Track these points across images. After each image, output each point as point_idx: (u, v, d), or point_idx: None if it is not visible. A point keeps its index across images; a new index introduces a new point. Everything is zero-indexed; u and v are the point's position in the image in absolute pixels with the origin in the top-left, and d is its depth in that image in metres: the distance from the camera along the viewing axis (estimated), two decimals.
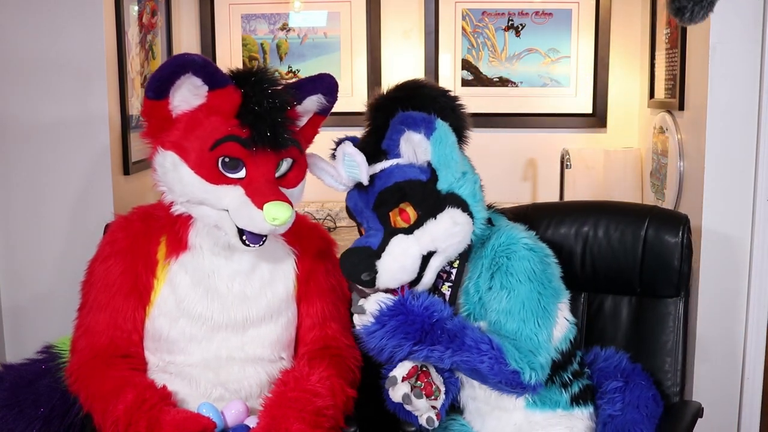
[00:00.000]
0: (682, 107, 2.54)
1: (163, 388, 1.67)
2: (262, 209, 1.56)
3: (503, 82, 3.20)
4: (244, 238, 1.62)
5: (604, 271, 1.98)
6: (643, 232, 1.95)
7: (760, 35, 2.26)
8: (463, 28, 3.18)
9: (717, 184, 2.32)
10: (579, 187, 3.06)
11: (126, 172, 2.57)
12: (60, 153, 2.45)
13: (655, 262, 1.93)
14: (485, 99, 3.20)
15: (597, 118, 3.19)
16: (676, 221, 1.95)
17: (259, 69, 1.64)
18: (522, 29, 3.16)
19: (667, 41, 2.74)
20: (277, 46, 3.25)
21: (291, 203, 1.60)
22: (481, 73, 3.21)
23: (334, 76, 1.78)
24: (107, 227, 1.88)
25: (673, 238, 1.92)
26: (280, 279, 1.77)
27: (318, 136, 1.82)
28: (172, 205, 1.68)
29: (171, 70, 1.56)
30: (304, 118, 1.77)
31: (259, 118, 1.58)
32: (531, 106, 3.20)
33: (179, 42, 3.17)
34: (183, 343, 1.71)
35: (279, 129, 1.59)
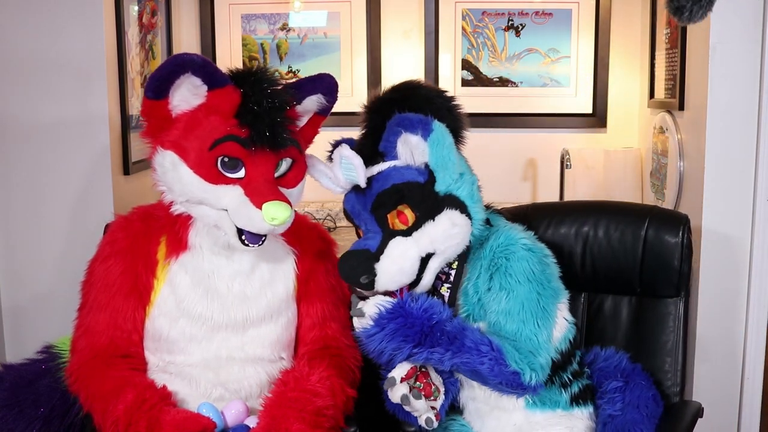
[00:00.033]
0: (682, 107, 2.54)
1: (163, 388, 1.67)
2: (260, 209, 1.56)
3: (503, 82, 3.20)
4: (243, 237, 1.62)
5: (604, 271, 1.98)
6: (643, 232, 1.94)
7: (760, 35, 2.26)
8: (463, 28, 3.18)
9: (717, 184, 2.32)
10: (579, 187, 3.06)
11: (126, 172, 2.56)
12: (60, 153, 2.45)
13: (655, 262, 1.93)
14: (485, 99, 3.20)
15: (597, 118, 3.18)
16: (677, 221, 1.95)
17: (258, 69, 1.64)
18: (522, 29, 3.16)
19: (667, 41, 2.73)
20: (277, 46, 3.25)
21: (290, 203, 1.60)
22: (481, 73, 3.21)
23: (334, 76, 1.78)
24: (107, 227, 1.87)
25: (673, 238, 1.92)
26: (280, 279, 1.77)
27: (318, 136, 1.82)
28: (172, 204, 1.67)
29: (170, 70, 1.56)
30: (304, 118, 1.77)
31: (258, 117, 1.58)
32: (531, 106, 3.20)
33: (179, 42, 3.17)
34: (183, 343, 1.71)
35: (278, 129, 1.59)
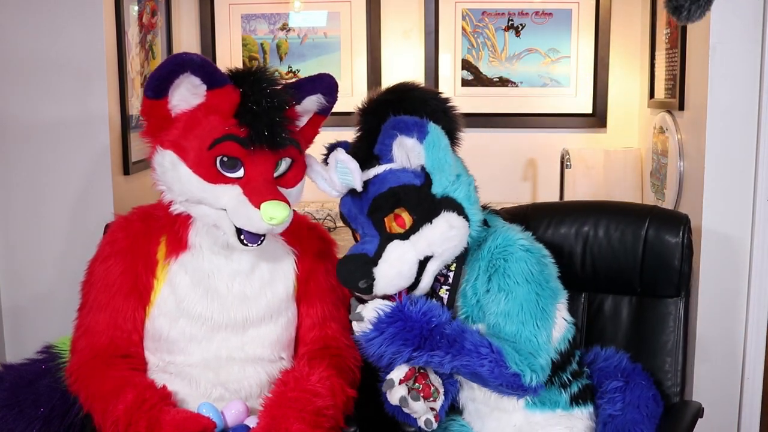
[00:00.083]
0: (682, 107, 2.54)
1: (163, 388, 1.67)
2: (259, 208, 1.56)
3: (503, 82, 3.20)
4: (242, 237, 1.62)
5: (605, 271, 1.98)
6: (643, 232, 1.94)
7: (760, 35, 2.26)
8: (463, 28, 3.18)
9: (717, 184, 2.32)
10: (579, 187, 3.06)
11: (126, 172, 2.56)
12: (60, 153, 2.45)
13: (655, 262, 1.93)
14: (485, 99, 3.20)
15: (597, 118, 3.18)
16: (677, 221, 1.94)
17: (257, 68, 1.63)
18: (522, 29, 3.16)
19: (667, 41, 2.73)
20: (277, 46, 3.25)
21: (289, 203, 1.60)
22: (481, 73, 3.21)
23: (334, 76, 1.77)
24: (107, 227, 1.87)
25: (673, 238, 1.92)
26: (280, 279, 1.77)
27: (318, 136, 1.82)
28: (172, 204, 1.67)
29: (169, 69, 1.56)
30: (304, 118, 1.77)
31: (257, 117, 1.58)
32: (531, 106, 3.20)
33: (179, 42, 3.17)
34: (183, 343, 1.71)
35: (277, 128, 1.59)
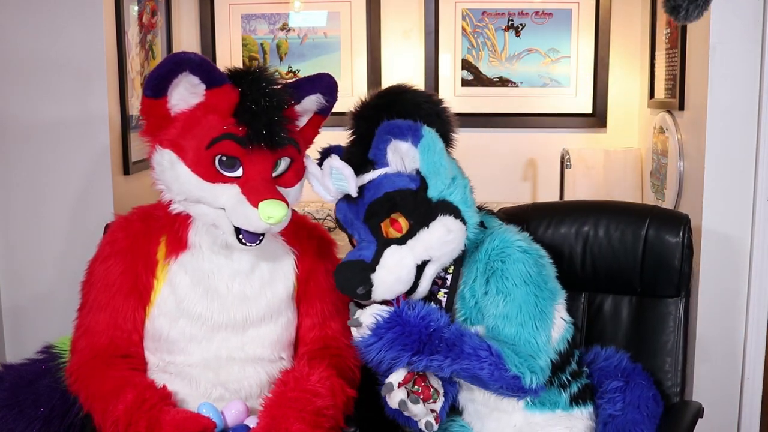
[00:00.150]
0: (682, 107, 2.54)
1: (163, 388, 1.67)
2: (257, 207, 1.56)
3: (503, 82, 3.20)
4: (241, 236, 1.62)
5: (605, 271, 1.98)
6: (643, 231, 1.94)
7: (760, 35, 2.26)
8: (463, 28, 3.18)
9: (717, 184, 2.32)
10: (579, 187, 3.06)
11: (126, 172, 2.57)
12: (60, 153, 2.45)
13: (655, 262, 1.93)
14: (485, 99, 3.20)
15: (597, 118, 3.18)
16: (677, 221, 1.94)
17: (256, 68, 1.63)
18: (522, 29, 3.16)
19: (667, 41, 2.73)
20: (277, 46, 3.25)
21: (287, 202, 1.60)
22: (481, 73, 3.20)
23: (334, 76, 1.77)
24: (107, 227, 1.87)
25: (673, 238, 1.92)
26: (279, 279, 1.77)
27: (318, 136, 1.82)
28: (171, 203, 1.67)
29: (168, 69, 1.56)
30: (304, 118, 1.77)
31: (255, 116, 1.58)
32: (531, 106, 3.20)
33: (179, 42, 3.17)
34: (183, 343, 1.71)
35: (275, 128, 1.59)
